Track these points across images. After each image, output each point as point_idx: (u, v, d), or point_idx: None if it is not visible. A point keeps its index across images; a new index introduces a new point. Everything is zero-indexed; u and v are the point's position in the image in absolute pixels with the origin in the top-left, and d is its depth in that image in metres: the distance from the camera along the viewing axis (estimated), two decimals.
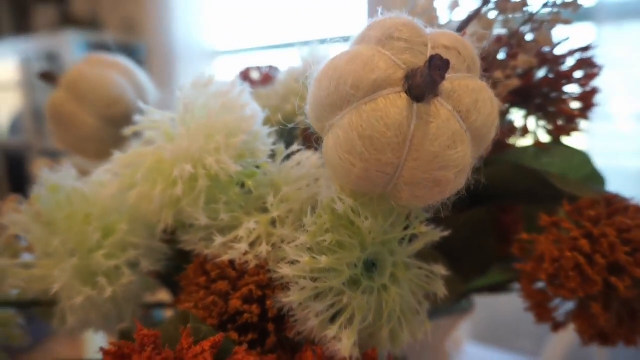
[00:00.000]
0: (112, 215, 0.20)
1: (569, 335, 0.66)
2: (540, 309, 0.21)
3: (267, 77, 0.30)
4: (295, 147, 0.19)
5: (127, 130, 0.20)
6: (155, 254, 0.21)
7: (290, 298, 0.15)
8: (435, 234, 0.18)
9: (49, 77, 0.29)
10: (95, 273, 0.19)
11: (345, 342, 0.15)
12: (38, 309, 0.22)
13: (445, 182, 0.14)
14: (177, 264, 0.21)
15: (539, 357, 0.77)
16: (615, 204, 0.20)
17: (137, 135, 0.20)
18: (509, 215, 0.27)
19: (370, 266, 0.17)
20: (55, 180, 0.19)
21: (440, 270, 0.18)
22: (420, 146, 0.14)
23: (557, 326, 0.21)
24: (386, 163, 0.14)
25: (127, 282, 0.19)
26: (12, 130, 2.23)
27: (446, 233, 0.18)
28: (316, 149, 0.17)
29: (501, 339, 1.24)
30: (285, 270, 0.15)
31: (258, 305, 0.17)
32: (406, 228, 0.18)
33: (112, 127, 0.28)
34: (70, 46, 1.83)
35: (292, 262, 0.16)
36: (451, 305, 0.27)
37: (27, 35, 2.18)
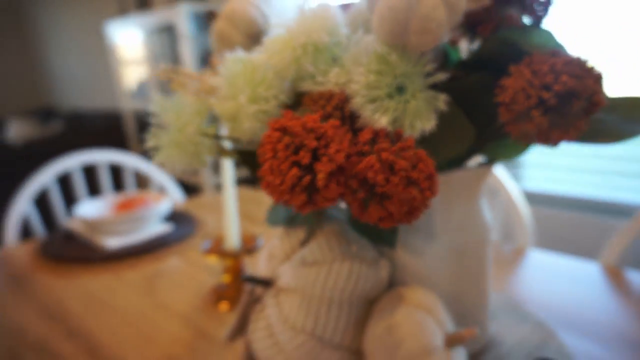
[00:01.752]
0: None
1: (625, 239, 0.74)
2: (513, 125, 0.33)
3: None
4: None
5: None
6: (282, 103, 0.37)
7: (356, 100, 0.30)
8: (442, 76, 0.32)
9: (213, 15, 0.46)
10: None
11: (383, 120, 0.30)
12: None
13: (431, 30, 0.28)
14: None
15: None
16: (557, 55, 0.32)
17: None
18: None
19: (400, 89, 0.31)
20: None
21: (442, 97, 0.32)
22: (415, 13, 0.28)
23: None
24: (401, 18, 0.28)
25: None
26: (138, 95, 2.59)
27: (446, 76, 0.32)
28: None
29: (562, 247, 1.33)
30: (354, 86, 0.30)
31: (341, 111, 0.32)
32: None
33: (254, 42, 0.44)
34: (183, 18, 2.08)
35: (356, 82, 0.30)
36: (468, 148, 0.40)
37: (148, 11, 2.49)
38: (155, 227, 0.96)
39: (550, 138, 0.32)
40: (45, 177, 1.13)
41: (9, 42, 3.96)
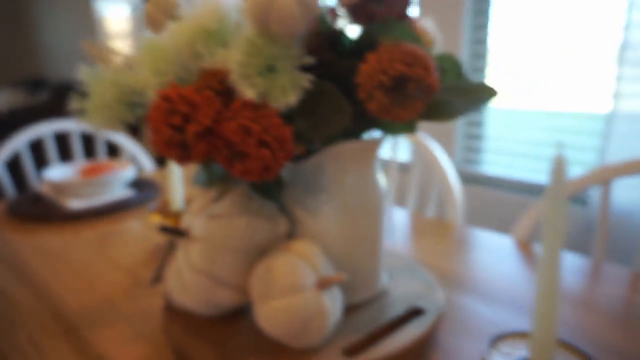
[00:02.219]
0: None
1: (534, 215, 0.82)
2: (367, 104, 0.40)
3: None
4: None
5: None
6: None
7: (232, 77, 0.37)
8: (308, 59, 0.38)
9: None
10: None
11: (250, 93, 0.36)
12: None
13: (286, 22, 0.34)
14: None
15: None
16: (398, 46, 0.38)
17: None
18: None
19: (271, 68, 0.38)
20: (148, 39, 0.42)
21: (307, 77, 0.39)
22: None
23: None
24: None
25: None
26: None
27: (311, 61, 0.38)
28: None
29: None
30: (231, 65, 0.37)
31: (222, 84, 0.39)
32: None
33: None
34: None
35: (233, 62, 0.37)
36: (349, 123, 0.47)
37: None
38: (118, 191, 1.03)
39: (392, 114, 0.39)
40: (18, 142, 1.19)
41: (0, 14, 3.96)
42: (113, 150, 2.30)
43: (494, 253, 0.75)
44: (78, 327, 0.57)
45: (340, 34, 0.47)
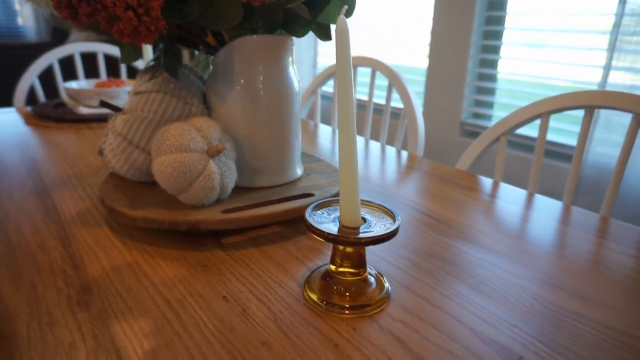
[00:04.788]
0: None
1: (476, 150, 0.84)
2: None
3: None
4: None
5: None
6: None
7: None
8: None
9: None
10: None
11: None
12: None
13: None
14: None
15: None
16: None
17: None
18: None
19: None
20: None
21: None
22: None
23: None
24: None
25: None
26: None
27: None
28: None
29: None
30: None
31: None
32: None
33: None
34: None
35: None
36: (239, 21, 0.52)
37: None
38: (121, 103, 1.15)
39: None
40: (50, 57, 1.34)
41: None
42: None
43: (441, 181, 0.79)
44: (48, 189, 0.69)
45: None
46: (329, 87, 2.36)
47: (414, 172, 0.81)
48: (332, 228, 0.40)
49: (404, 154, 0.92)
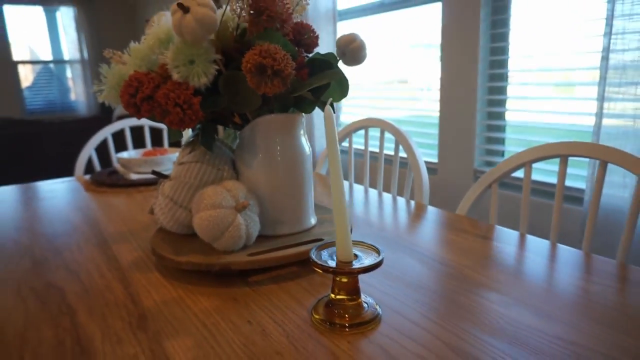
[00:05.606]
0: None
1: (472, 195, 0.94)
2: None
3: None
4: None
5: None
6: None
7: (169, 66, 0.59)
8: (217, 56, 0.60)
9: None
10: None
11: (175, 75, 0.59)
12: None
13: (189, 35, 0.56)
14: None
15: None
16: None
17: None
18: None
19: (192, 62, 0.60)
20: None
21: (214, 67, 0.60)
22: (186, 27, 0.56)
23: None
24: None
25: None
26: None
27: (219, 56, 0.60)
28: None
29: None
30: (167, 60, 0.60)
31: (164, 70, 0.61)
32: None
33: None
34: None
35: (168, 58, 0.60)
36: (261, 105, 0.67)
37: None
38: (167, 169, 1.32)
39: (261, 89, 0.59)
40: (105, 132, 1.54)
41: None
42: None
43: (438, 225, 0.89)
44: (108, 242, 0.83)
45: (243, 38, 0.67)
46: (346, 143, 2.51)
47: (417, 218, 0.91)
48: (331, 263, 0.52)
49: (412, 203, 1.03)
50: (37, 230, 0.92)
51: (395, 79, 2.46)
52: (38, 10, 4.72)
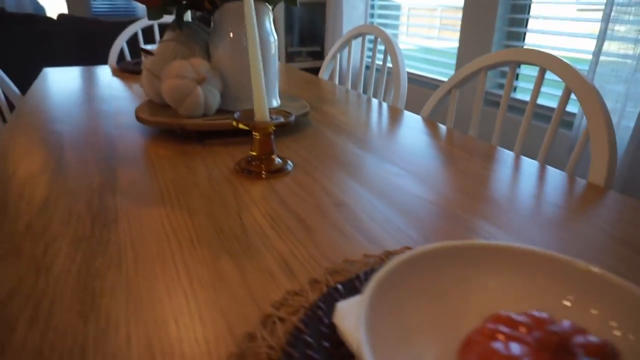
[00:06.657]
0: None
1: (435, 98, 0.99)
2: None
3: None
4: None
5: None
6: None
7: None
8: None
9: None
10: None
11: None
12: None
13: None
14: None
15: None
16: None
17: None
18: None
19: None
20: None
21: None
22: None
23: None
24: None
25: None
26: None
27: None
28: None
29: None
30: None
31: None
32: None
33: None
34: None
35: None
36: None
37: None
38: None
39: None
40: (134, 27, 1.68)
41: None
42: None
43: (409, 129, 0.97)
44: (114, 114, 0.99)
45: None
46: (347, 52, 2.50)
47: (379, 116, 0.99)
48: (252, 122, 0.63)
49: (384, 105, 1.10)
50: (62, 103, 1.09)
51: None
52: None
